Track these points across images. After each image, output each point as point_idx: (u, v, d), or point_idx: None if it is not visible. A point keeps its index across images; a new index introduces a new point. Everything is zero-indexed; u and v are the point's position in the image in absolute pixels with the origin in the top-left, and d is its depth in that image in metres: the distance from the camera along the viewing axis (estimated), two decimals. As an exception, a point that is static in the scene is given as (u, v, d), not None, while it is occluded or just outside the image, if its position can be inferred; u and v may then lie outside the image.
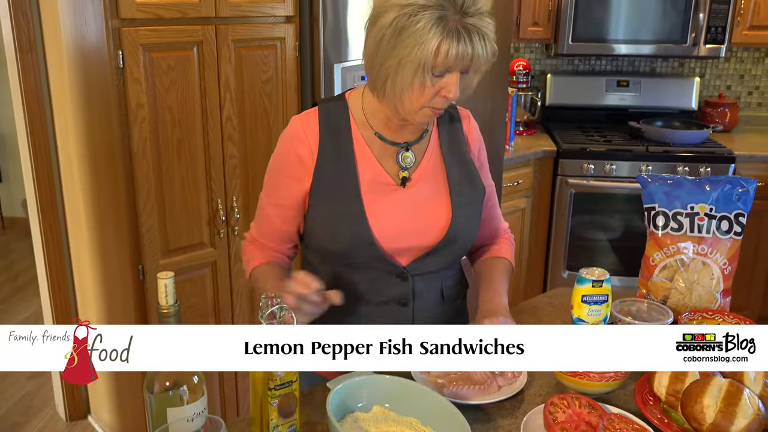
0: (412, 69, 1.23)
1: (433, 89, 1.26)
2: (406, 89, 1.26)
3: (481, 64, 1.26)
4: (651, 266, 1.57)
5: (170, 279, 0.94)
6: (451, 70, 1.24)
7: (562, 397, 1.22)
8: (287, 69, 2.37)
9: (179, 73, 2.11)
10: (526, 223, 3.48)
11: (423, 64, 1.21)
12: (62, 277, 2.69)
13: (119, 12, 1.96)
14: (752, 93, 3.91)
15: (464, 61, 1.23)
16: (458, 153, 1.47)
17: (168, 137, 2.15)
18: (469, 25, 1.22)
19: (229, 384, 2.57)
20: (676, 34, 3.46)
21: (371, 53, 1.29)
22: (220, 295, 2.43)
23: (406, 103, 1.29)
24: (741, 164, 3.33)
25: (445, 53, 1.21)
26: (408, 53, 1.22)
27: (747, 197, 1.53)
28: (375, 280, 1.40)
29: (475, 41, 1.22)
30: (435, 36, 1.20)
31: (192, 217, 2.28)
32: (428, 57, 1.21)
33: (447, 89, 1.26)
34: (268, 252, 1.48)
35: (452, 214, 1.40)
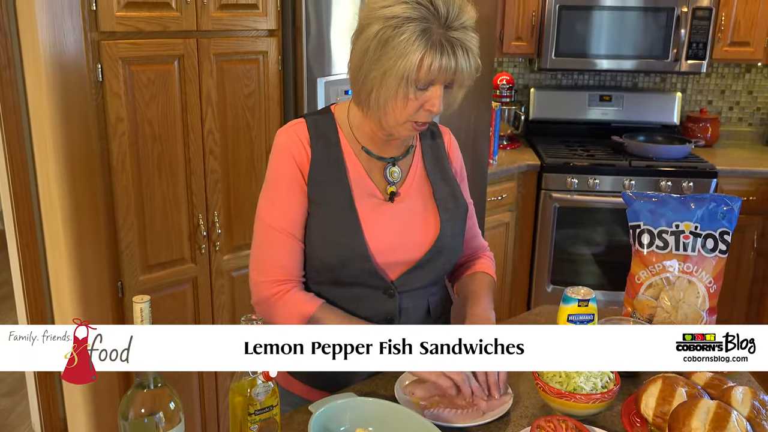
0: (396, 81, 1.22)
1: (416, 102, 1.26)
2: (390, 101, 1.25)
3: (464, 78, 1.26)
4: (636, 284, 1.56)
5: (146, 303, 0.91)
6: (434, 83, 1.24)
7: (548, 420, 1.19)
8: (270, 83, 2.35)
9: (160, 87, 2.08)
10: (510, 237, 3.47)
11: (407, 76, 1.21)
12: (39, 293, 2.64)
13: (98, 25, 1.93)
14: (733, 108, 3.95)
15: (447, 74, 1.23)
16: (441, 169, 1.48)
17: (148, 151, 2.11)
18: (453, 38, 1.22)
19: (211, 407, 2.52)
20: (658, 50, 3.49)
21: (356, 65, 1.28)
22: (201, 311, 2.39)
23: (390, 116, 1.28)
24: (723, 179, 3.35)
25: (429, 66, 1.21)
26: (392, 65, 1.21)
27: (732, 215, 1.52)
28: (360, 297, 1.38)
29: (459, 55, 1.22)
30: (419, 48, 1.20)
31: (172, 233, 2.24)
32: (412, 69, 1.21)
33: (431, 103, 1.26)
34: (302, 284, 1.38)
35: (440, 228, 1.40)
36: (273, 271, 1.36)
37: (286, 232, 1.35)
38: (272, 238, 1.36)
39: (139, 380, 0.96)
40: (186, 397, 2.45)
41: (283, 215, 1.36)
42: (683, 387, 1.23)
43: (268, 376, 1.07)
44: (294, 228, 1.36)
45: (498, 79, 3.64)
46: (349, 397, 1.24)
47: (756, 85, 3.89)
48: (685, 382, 1.25)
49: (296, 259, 1.37)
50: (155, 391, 0.96)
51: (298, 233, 1.36)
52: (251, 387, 1.08)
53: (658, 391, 1.23)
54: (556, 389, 1.26)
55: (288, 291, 1.35)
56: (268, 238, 1.36)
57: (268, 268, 1.36)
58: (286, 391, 1.49)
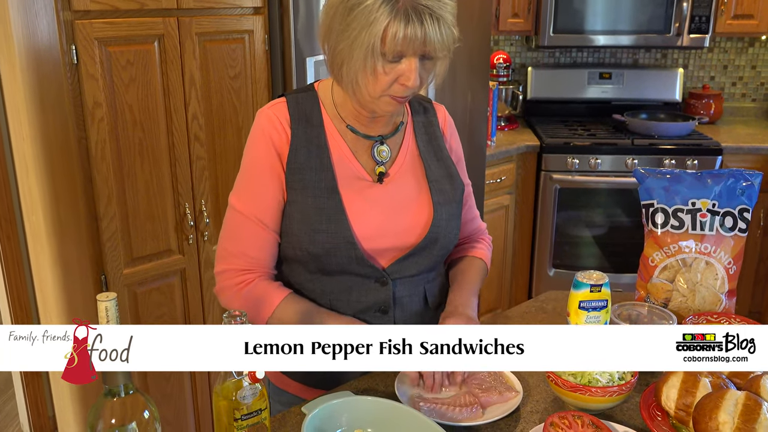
0: (362, 53, 1.12)
1: (388, 77, 1.15)
2: (359, 75, 1.15)
3: (437, 49, 1.14)
4: (650, 267, 1.46)
5: (111, 301, 0.81)
6: (405, 55, 1.13)
7: (562, 416, 1.10)
8: (256, 64, 2.23)
9: (139, 69, 1.97)
10: (510, 220, 3.37)
11: (372, 47, 1.11)
12: (22, 289, 2.54)
13: (71, 4, 1.82)
14: (736, 84, 3.84)
15: (415, 45, 1.11)
16: (435, 149, 1.37)
17: (129, 138, 2.00)
18: (421, 5, 1.10)
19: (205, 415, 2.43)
20: (659, 24, 3.38)
21: (325, 34, 1.18)
22: (190, 304, 2.29)
23: (364, 90, 1.18)
24: (728, 156, 3.25)
25: (393, 36, 1.10)
26: (357, 36, 1.11)
27: (752, 191, 1.42)
28: (351, 287, 1.28)
29: (426, 23, 1.10)
30: (382, 16, 1.09)
31: (157, 223, 2.13)
32: (376, 40, 1.10)
33: (405, 77, 1.14)
34: (271, 276, 1.30)
35: (434, 212, 1.30)
36: (238, 260, 1.27)
37: (256, 220, 1.26)
38: (240, 225, 1.27)
39: (107, 387, 0.86)
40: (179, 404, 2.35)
41: (254, 202, 1.26)
42: (707, 377, 1.14)
43: (254, 378, 0.97)
44: (265, 216, 1.26)
45: (494, 57, 3.53)
46: (346, 396, 1.15)
47: (759, 59, 3.78)
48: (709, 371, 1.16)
49: (265, 248, 1.27)
50: (126, 399, 0.86)
51: (270, 222, 1.26)
52: (237, 390, 0.98)
53: (680, 381, 1.14)
54: (570, 382, 1.16)
55: (254, 280, 1.27)
56: (236, 224, 1.28)
57: (234, 256, 1.28)
58: (279, 389, 1.40)
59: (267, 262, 1.28)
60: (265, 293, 1.26)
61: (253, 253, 1.27)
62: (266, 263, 1.28)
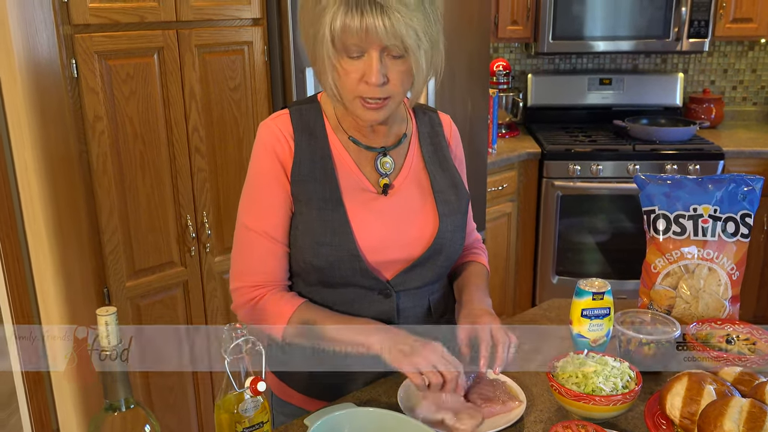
0: (321, 48, 1.10)
1: (352, 75, 1.13)
2: (330, 74, 1.13)
3: (382, 40, 1.09)
4: (653, 273, 1.45)
5: (111, 315, 0.81)
6: (364, 50, 1.11)
7: (566, 426, 1.09)
8: (256, 75, 2.24)
9: (139, 82, 1.97)
10: (512, 227, 3.37)
11: (326, 42, 1.09)
12: (26, 303, 2.54)
13: (71, 18, 1.83)
14: (736, 87, 3.84)
15: (362, 36, 1.08)
16: (441, 159, 1.36)
17: (130, 151, 2.01)
18: None
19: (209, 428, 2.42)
20: (659, 29, 3.38)
21: (304, 36, 1.18)
22: (193, 316, 2.28)
23: (340, 92, 1.16)
24: (730, 160, 3.25)
25: (339, 28, 1.08)
26: (316, 31, 1.10)
27: (753, 196, 1.42)
28: (354, 299, 1.27)
29: (367, 13, 1.07)
30: (328, 6, 1.08)
31: (159, 235, 2.13)
32: (326, 33, 1.09)
33: (367, 74, 1.12)
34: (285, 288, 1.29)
35: (439, 223, 1.29)
36: (252, 277, 1.27)
37: (266, 235, 1.25)
38: (251, 242, 1.26)
39: (108, 402, 0.85)
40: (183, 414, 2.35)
41: (263, 217, 1.25)
42: (711, 384, 1.13)
43: (256, 391, 0.97)
44: (275, 230, 1.25)
45: (494, 65, 3.53)
46: (348, 408, 1.14)
47: (759, 62, 3.78)
48: (713, 378, 1.15)
49: (278, 263, 1.27)
50: (127, 414, 0.86)
51: (280, 236, 1.26)
52: (238, 402, 0.98)
53: (685, 389, 1.13)
54: (573, 391, 1.15)
55: (266, 294, 1.26)
56: (246, 241, 1.27)
57: (245, 274, 1.27)
58: (282, 401, 1.39)
59: (279, 275, 1.28)
60: (276, 307, 1.25)
61: (263, 268, 1.26)
62: (278, 276, 1.28)
